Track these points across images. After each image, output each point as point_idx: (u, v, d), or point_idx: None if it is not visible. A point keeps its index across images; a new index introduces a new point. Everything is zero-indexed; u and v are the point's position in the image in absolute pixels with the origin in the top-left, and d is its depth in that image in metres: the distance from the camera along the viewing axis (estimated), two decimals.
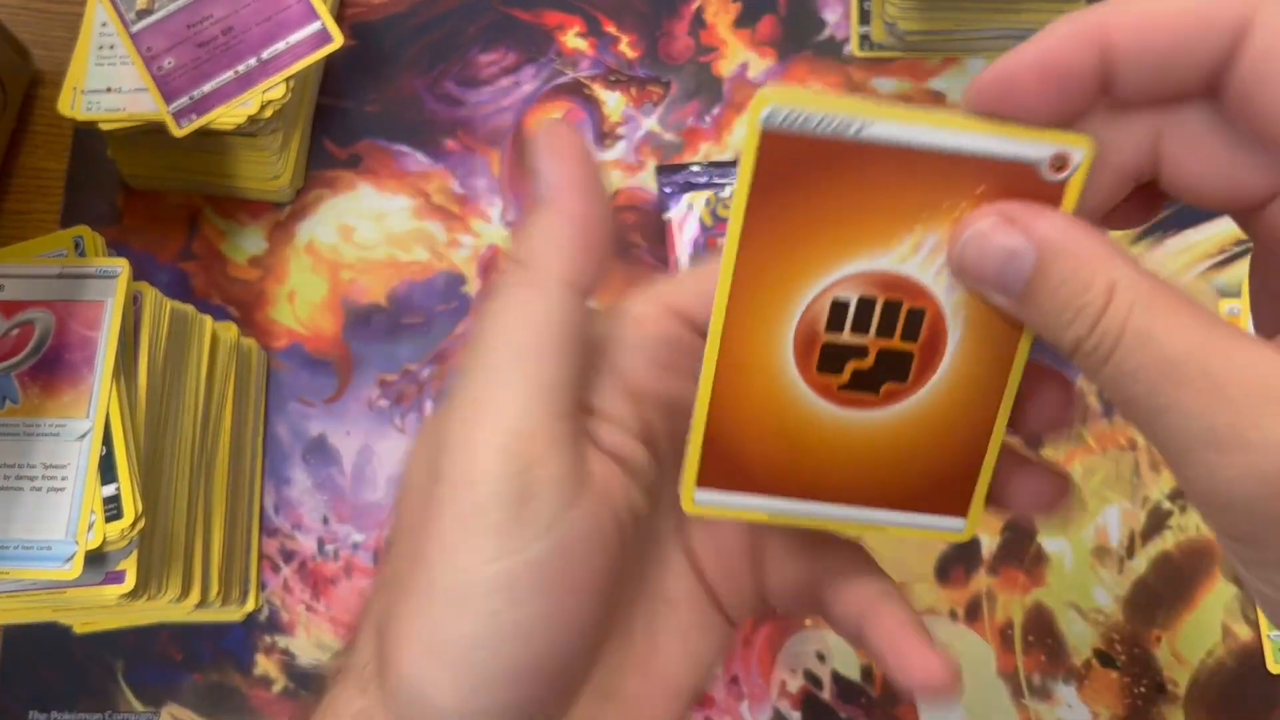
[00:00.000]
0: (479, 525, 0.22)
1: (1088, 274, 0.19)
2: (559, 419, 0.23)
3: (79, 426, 0.38)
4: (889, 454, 0.24)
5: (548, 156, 0.23)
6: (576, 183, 0.23)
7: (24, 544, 0.37)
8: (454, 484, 0.22)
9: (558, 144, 0.23)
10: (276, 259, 0.52)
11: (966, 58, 0.53)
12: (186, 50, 0.47)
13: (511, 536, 0.22)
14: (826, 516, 0.24)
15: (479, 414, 0.22)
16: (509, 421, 0.22)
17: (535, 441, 0.22)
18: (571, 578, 0.23)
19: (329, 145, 0.53)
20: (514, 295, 0.23)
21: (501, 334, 0.23)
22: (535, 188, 0.24)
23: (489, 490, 0.22)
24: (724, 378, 0.23)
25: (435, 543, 0.22)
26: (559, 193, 0.23)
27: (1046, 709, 0.45)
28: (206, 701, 0.47)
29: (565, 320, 0.23)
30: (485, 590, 0.22)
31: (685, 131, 0.52)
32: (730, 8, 0.54)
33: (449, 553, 0.22)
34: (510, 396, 0.22)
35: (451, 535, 0.22)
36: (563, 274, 0.23)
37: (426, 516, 0.23)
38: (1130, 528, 0.47)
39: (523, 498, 0.22)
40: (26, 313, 0.40)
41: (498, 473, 0.22)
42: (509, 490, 0.22)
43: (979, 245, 0.21)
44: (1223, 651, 0.46)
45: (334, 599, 0.48)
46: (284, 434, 0.50)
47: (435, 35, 0.55)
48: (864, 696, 0.46)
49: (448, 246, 0.52)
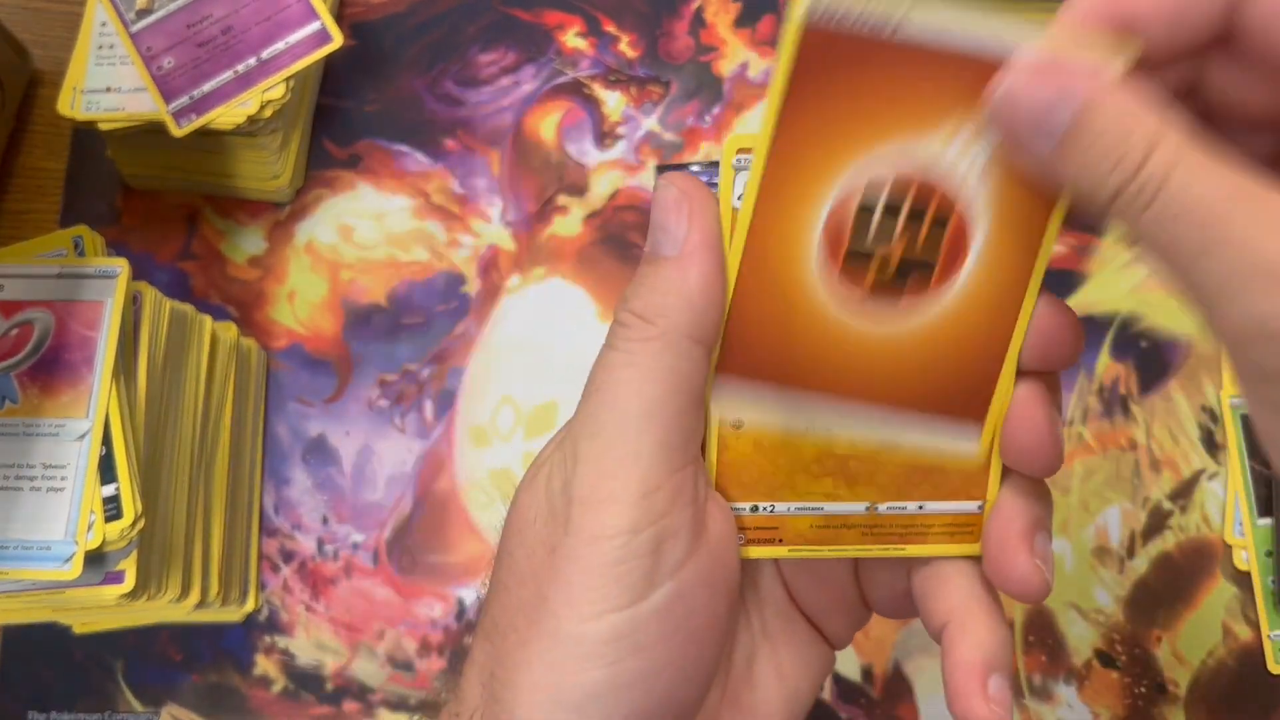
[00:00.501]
0: (608, 576, 0.23)
1: (1130, 121, 0.19)
2: (682, 471, 0.24)
3: (78, 426, 0.38)
4: (909, 356, 0.24)
5: (678, 211, 0.24)
6: (706, 241, 0.24)
7: (23, 544, 0.37)
8: (583, 536, 0.23)
9: (689, 199, 0.24)
10: (276, 259, 0.52)
11: None
12: (186, 50, 0.47)
13: (636, 587, 0.23)
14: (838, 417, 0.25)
15: (607, 468, 0.23)
16: (638, 477, 0.23)
17: (662, 496, 0.23)
18: (692, 625, 0.24)
19: (329, 145, 0.53)
20: (641, 350, 0.24)
21: (629, 389, 0.23)
22: (657, 240, 0.24)
23: (619, 543, 0.23)
24: (750, 269, 0.24)
25: (561, 592, 0.23)
26: (689, 249, 0.24)
27: (1047, 709, 0.45)
28: (206, 701, 0.47)
29: (692, 376, 0.24)
30: (609, 638, 0.23)
31: (685, 131, 0.52)
32: (730, 7, 0.54)
33: (575, 603, 0.23)
34: (640, 452, 0.23)
35: (578, 585, 0.23)
36: (691, 331, 0.24)
37: (551, 566, 0.23)
38: (1130, 528, 0.47)
39: (650, 549, 0.23)
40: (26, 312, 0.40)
41: (628, 526, 0.23)
42: (638, 543, 0.23)
43: (1018, 91, 0.21)
44: (1223, 652, 0.46)
45: (333, 599, 0.48)
46: (284, 434, 0.50)
47: (435, 35, 0.54)
48: (864, 697, 0.46)
49: (448, 246, 0.51)
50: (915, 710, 0.46)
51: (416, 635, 0.47)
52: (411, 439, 0.49)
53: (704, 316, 0.24)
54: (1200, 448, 0.48)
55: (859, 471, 0.25)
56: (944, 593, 0.26)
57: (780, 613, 0.28)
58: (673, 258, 0.24)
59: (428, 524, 0.48)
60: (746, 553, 0.26)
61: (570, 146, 0.53)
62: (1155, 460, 0.48)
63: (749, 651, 0.28)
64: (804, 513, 0.26)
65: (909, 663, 0.46)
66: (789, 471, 0.26)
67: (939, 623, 0.25)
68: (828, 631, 0.29)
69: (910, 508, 0.26)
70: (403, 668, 0.47)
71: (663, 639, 0.23)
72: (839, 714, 0.46)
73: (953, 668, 0.25)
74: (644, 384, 0.23)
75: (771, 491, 0.26)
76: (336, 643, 0.47)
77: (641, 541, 0.23)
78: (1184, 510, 0.47)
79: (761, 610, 0.28)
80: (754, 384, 0.25)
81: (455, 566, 0.48)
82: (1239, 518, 0.46)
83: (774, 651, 0.28)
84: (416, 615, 0.47)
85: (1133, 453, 0.48)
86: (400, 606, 0.47)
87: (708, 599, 0.24)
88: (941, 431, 0.25)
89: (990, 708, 0.24)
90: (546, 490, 0.24)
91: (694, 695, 0.25)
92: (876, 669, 0.46)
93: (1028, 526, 0.25)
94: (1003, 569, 0.25)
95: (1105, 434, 0.48)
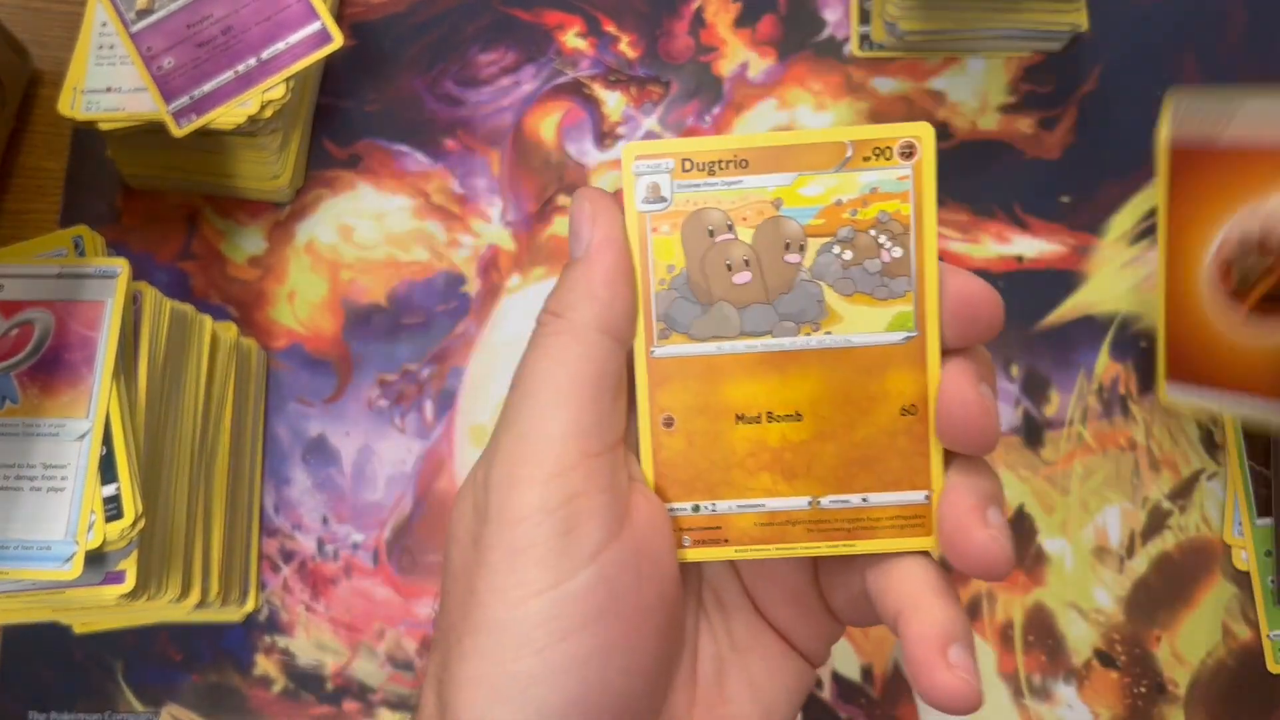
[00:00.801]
0: (525, 559, 0.23)
1: None
2: (598, 456, 0.24)
3: (79, 426, 0.38)
4: None
5: (585, 219, 0.25)
6: (609, 240, 0.25)
7: (23, 544, 0.37)
8: (499, 522, 0.23)
9: (595, 208, 0.25)
10: (276, 259, 0.52)
11: (966, 57, 0.53)
12: (186, 50, 0.47)
13: (555, 568, 0.23)
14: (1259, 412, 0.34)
15: (521, 453, 0.24)
16: (550, 458, 0.23)
17: (575, 477, 0.23)
18: (619, 609, 0.24)
19: (329, 145, 0.53)
20: (551, 342, 0.25)
21: (540, 379, 0.24)
22: (571, 247, 0.25)
23: (532, 524, 0.23)
24: (1171, 301, 0.34)
25: (484, 580, 0.23)
26: (594, 249, 0.25)
27: (1047, 709, 0.45)
28: (206, 702, 0.47)
29: (600, 363, 0.24)
30: (534, 623, 0.23)
31: (685, 131, 0.52)
32: (730, 7, 0.54)
33: (498, 590, 0.23)
34: (550, 435, 0.24)
35: (500, 571, 0.23)
36: (598, 322, 0.24)
37: (476, 558, 0.24)
38: (1130, 528, 0.47)
39: (565, 529, 0.23)
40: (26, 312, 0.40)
41: (540, 506, 0.23)
42: (551, 523, 0.23)
43: None
44: (1223, 651, 0.46)
45: (333, 599, 0.48)
46: (284, 434, 0.50)
47: (435, 35, 0.54)
48: (864, 697, 0.46)
49: (447, 246, 0.51)
50: (915, 710, 0.46)
51: (416, 635, 0.47)
52: (411, 439, 0.49)
53: (610, 309, 0.25)
54: (1199, 448, 0.48)
55: (795, 464, 0.26)
56: (895, 583, 0.25)
57: (748, 625, 0.28)
58: (580, 258, 0.25)
59: (428, 524, 0.48)
60: (691, 554, 0.26)
61: (570, 146, 0.53)
62: (1155, 460, 0.48)
63: (718, 663, 0.28)
64: (746, 510, 0.26)
65: None
66: (724, 467, 0.26)
67: (893, 613, 0.25)
68: (800, 645, 0.29)
69: (854, 500, 0.26)
70: (403, 667, 0.47)
71: (588, 623, 0.23)
72: (839, 714, 0.46)
73: (911, 647, 0.24)
74: (553, 372, 0.24)
75: (711, 489, 0.26)
76: (336, 643, 0.47)
77: (555, 521, 0.23)
78: (1183, 510, 0.47)
79: (728, 621, 0.28)
80: (1198, 389, 0.33)
81: None
82: (1238, 518, 0.46)
83: (745, 664, 0.28)
84: (416, 615, 0.47)
85: (1132, 453, 0.48)
86: (400, 606, 0.47)
87: (634, 586, 0.24)
88: None
89: (956, 673, 0.23)
90: (472, 486, 0.25)
91: (639, 688, 0.24)
92: (876, 669, 0.46)
93: (979, 501, 0.25)
94: (959, 545, 0.24)
95: (1105, 434, 0.48)
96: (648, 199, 0.25)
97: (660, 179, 0.25)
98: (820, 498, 0.26)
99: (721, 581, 0.29)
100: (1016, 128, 0.52)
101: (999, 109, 0.52)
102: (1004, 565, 0.24)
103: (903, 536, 0.26)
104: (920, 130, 0.25)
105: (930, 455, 0.25)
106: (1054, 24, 0.51)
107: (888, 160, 0.25)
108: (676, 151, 0.25)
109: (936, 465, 0.25)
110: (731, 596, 0.29)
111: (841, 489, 0.26)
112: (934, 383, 0.25)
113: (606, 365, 0.25)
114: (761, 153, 0.25)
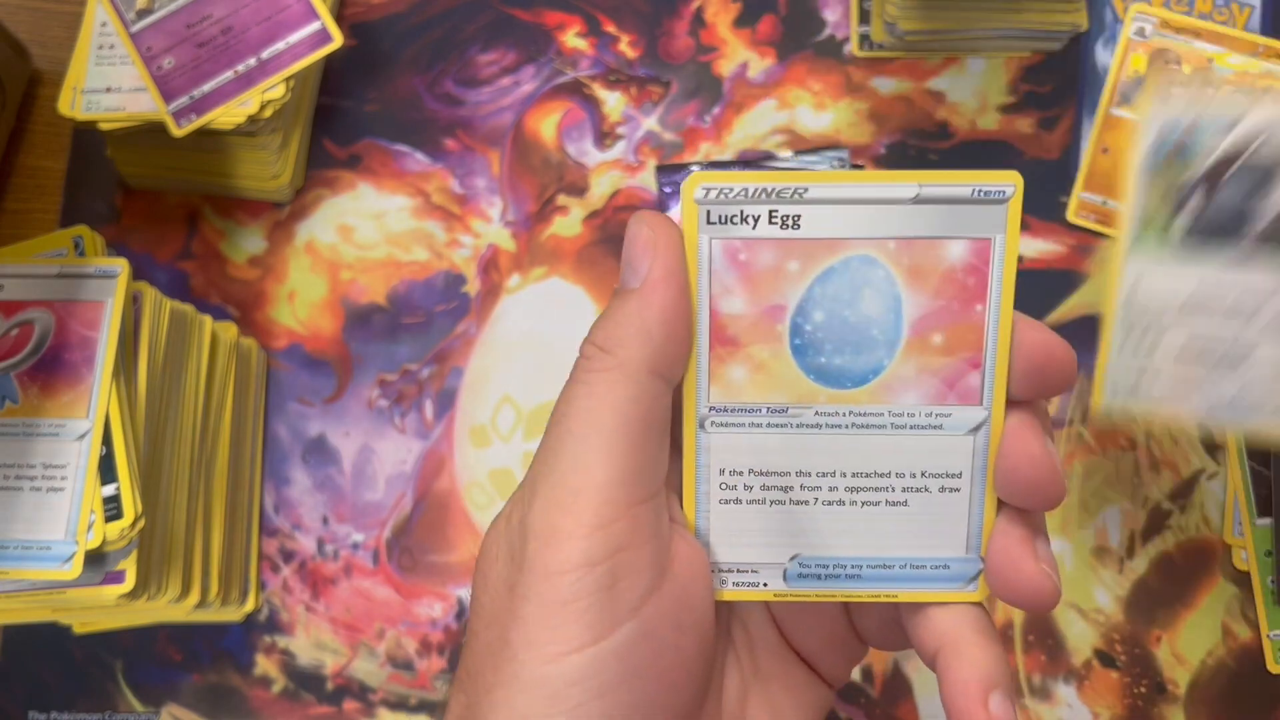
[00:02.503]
0: (564, 614, 0.22)
1: None
2: (642, 504, 0.23)
3: (78, 426, 0.38)
4: None
5: (643, 247, 0.24)
6: (668, 274, 0.23)
7: (23, 544, 0.37)
8: (538, 573, 0.22)
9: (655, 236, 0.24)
10: (276, 259, 0.52)
11: (966, 58, 0.53)
12: (186, 50, 0.47)
13: (595, 624, 0.22)
14: None
15: (563, 501, 0.22)
16: (594, 509, 0.22)
17: (619, 529, 0.22)
18: (659, 666, 0.23)
19: (329, 145, 0.53)
20: (600, 381, 0.23)
21: (585, 420, 0.23)
22: (624, 275, 0.24)
23: (573, 578, 0.22)
24: None
25: (519, 632, 0.22)
26: (650, 282, 0.23)
27: (1047, 709, 0.45)
28: (206, 701, 0.47)
29: (649, 406, 0.23)
30: (570, 680, 0.22)
31: (685, 131, 0.52)
32: (730, 7, 0.54)
33: (535, 644, 0.22)
34: (595, 484, 0.22)
35: (536, 624, 0.22)
36: (651, 363, 0.23)
37: (510, 607, 0.23)
38: (1130, 528, 0.47)
39: (607, 583, 0.22)
40: (26, 312, 0.40)
41: (582, 560, 0.22)
42: (594, 578, 0.22)
43: None
44: (1223, 652, 0.46)
45: (333, 599, 0.48)
46: (283, 434, 0.50)
47: (434, 35, 0.54)
48: (864, 697, 0.46)
49: (447, 246, 0.51)
50: (915, 710, 0.46)
51: (416, 635, 0.47)
52: (411, 439, 0.49)
53: (663, 349, 0.23)
54: (1199, 448, 0.48)
55: None
56: (934, 620, 0.25)
57: (773, 653, 0.28)
58: (634, 290, 0.24)
59: (428, 524, 0.48)
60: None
61: (570, 146, 0.53)
62: (1155, 460, 0.48)
63: (741, 693, 0.27)
64: None
65: (909, 663, 0.46)
66: None
67: (931, 650, 0.25)
68: (823, 670, 0.28)
69: None
70: (403, 667, 0.47)
71: (627, 681, 0.22)
72: (839, 714, 0.46)
73: (951, 692, 0.24)
74: (600, 414, 0.23)
75: None
76: (336, 643, 0.47)
77: (597, 577, 0.22)
78: (1183, 510, 0.47)
79: (753, 651, 0.28)
80: None
81: (455, 566, 0.48)
82: (1238, 518, 0.46)
83: (768, 693, 0.27)
84: (416, 615, 0.47)
85: (1132, 453, 0.48)
86: (400, 606, 0.47)
87: (675, 639, 0.23)
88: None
89: None
90: (506, 527, 0.24)
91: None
92: (876, 669, 0.46)
93: (1028, 534, 0.24)
94: (1009, 580, 0.24)
95: (1105, 434, 0.48)
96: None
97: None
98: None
99: (750, 613, 0.28)
100: (1016, 128, 0.52)
101: (999, 109, 0.52)
102: (1053, 598, 0.24)
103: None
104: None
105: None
106: (1054, 24, 0.51)
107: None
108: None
109: (989, 515, 0.25)
110: (759, 628, 0.28)
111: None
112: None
113: (655, 408, 0.23)
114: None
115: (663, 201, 0.50)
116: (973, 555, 0.25)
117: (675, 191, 0.50)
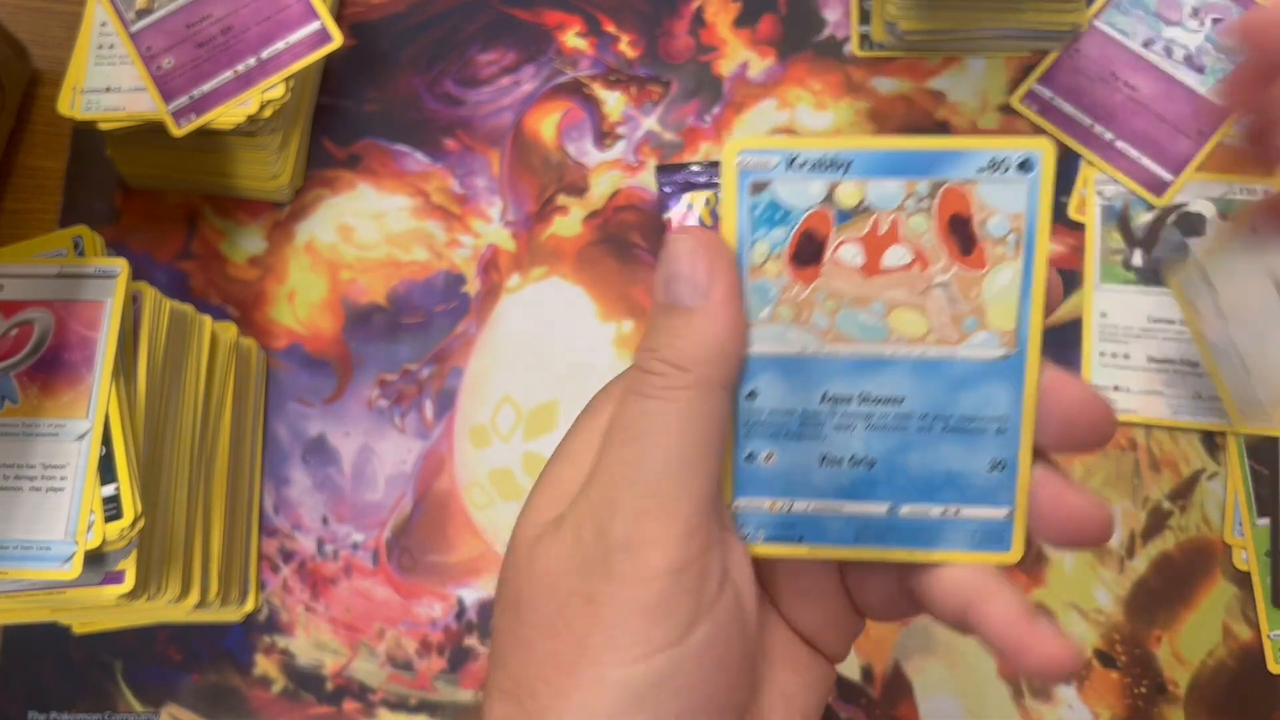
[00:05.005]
0: (652, 616, 0.23)
1: None
2: (715, 513, 0.24)
3: (78, 426, 0.38)
4: None
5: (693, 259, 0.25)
6: (731, 291, 0.25)
7: (23, 544, 0.37)
8: (630, 580, 0.23)
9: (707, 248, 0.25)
10: (276, 259, 0.52)
11: (966, 57, 0.53)
12: (185, 50, 0.47)
13: (679, 626, 0.23)
14: None
15: (653, 512, 0.24)
16: (683, 519, 0.24)
17: (699, 539, 0.24)
18: (728, 662, 0.24)
19: (328, 145, 0.53)
20: (680, 398, 0.24)
21: (673, 436, 0.24)
22: (677, 289, 0.25)
23: (666, 583, 0.23)
24: None
25: (604, 637, 0.23)
26: (717, 299, 0.25)
27: (1047, 710, 0.45)
28: (206, 702, 0.47)
29: (724, 421, 0.25)
30: (654, 680, 0.23)
31: (685, 131, 0.52)
32: (730, 7, 0.54)
33: (619, 647, 0.23)
34: (685, 495, 0.24)
35: (621, 629, 0.23)
36: (724, 379, 0.25)
37: (592, 613, 0.24)
38: (1130, 528, 0.47)
39: (693, 588, 0.24)
40: (25, 312, 0.40)
41: (670, 566, 0.23)
42: (683, 582, 0.23)
43: None
44: (1223, 652, 0.46)
45: (333, 599, 0.48)
46: (283, 434, 0.50)
47: (434, 34, 0.54)
48: (864, 697, 0.46)
49: (447, 246, 0.51)
50: (915, 710, 0.46)
51: (416, 635, 0.47)
52: (411, 439, 0.49)
53: (733, 364, 0.25)
54: (1200, 448, 0.48)
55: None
56: (955, 580, 0.26)
57: (776, 636, 0.28)
58: (700, 307, 0.24)
59: (428, 524, 0.48)
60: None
61: (570, 146, 0.53)
62: (1155, 460, 0.48)
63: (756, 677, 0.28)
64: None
65: (909, 663, 0.46)
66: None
67: (957, 607, 0.25)
68: (824, 647, 0.29)
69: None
70: (403, 667, 0.47)
71: (702, 679, 0.24)
72: (839, 714, 0.46)
73: (995, 630, 0.25)
74: (684, 430, 0.24)
75: None
76: (336, 643, 0.47)
77: (686, 581, 0.23)
78: (1184, 510, 0.47)
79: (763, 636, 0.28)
80: None
81: (455, 566, 0.48)
82: (1238, 518, 0.46)
83: (775, 677, 0.28)
84: (416, 615, 0.47)
85: (1133, 452, 0.48)
86: (400, 606, 0.47)
87: (738, 634, 0.25)
88: None
89: (1056, 641, 0.24)
90: (576, 541, 0.24)
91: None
92: (876, 669, 0.46)
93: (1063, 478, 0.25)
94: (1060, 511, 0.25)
95: None
96: None
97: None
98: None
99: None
100: (1016, 127, 0.52)
101: (999, 109, 0.52)
102: (1108, 527, 0.25)
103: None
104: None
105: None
106: (1054, 24, 0.51)
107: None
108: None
109: (1024, 481, 0.25)
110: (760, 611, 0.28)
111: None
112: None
113: (726, 421, 0.25)
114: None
115: (663, 201, 0.50)
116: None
117: (675, 191, 0.50)
